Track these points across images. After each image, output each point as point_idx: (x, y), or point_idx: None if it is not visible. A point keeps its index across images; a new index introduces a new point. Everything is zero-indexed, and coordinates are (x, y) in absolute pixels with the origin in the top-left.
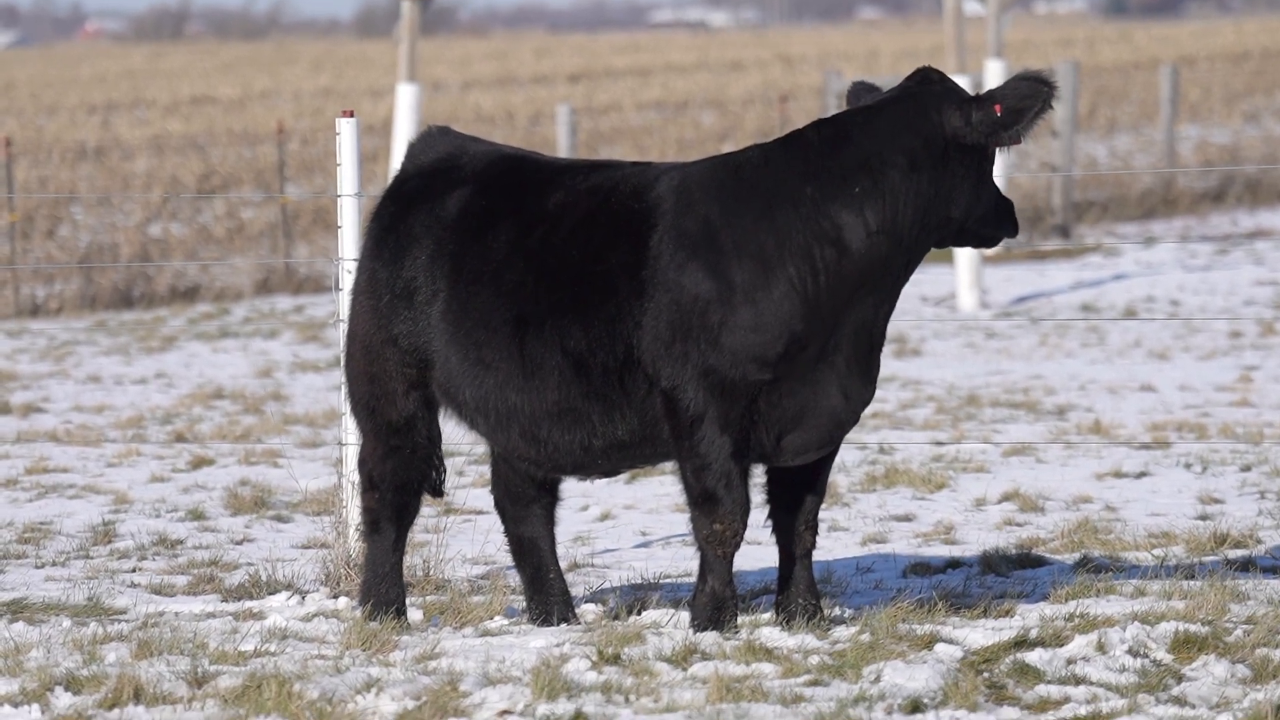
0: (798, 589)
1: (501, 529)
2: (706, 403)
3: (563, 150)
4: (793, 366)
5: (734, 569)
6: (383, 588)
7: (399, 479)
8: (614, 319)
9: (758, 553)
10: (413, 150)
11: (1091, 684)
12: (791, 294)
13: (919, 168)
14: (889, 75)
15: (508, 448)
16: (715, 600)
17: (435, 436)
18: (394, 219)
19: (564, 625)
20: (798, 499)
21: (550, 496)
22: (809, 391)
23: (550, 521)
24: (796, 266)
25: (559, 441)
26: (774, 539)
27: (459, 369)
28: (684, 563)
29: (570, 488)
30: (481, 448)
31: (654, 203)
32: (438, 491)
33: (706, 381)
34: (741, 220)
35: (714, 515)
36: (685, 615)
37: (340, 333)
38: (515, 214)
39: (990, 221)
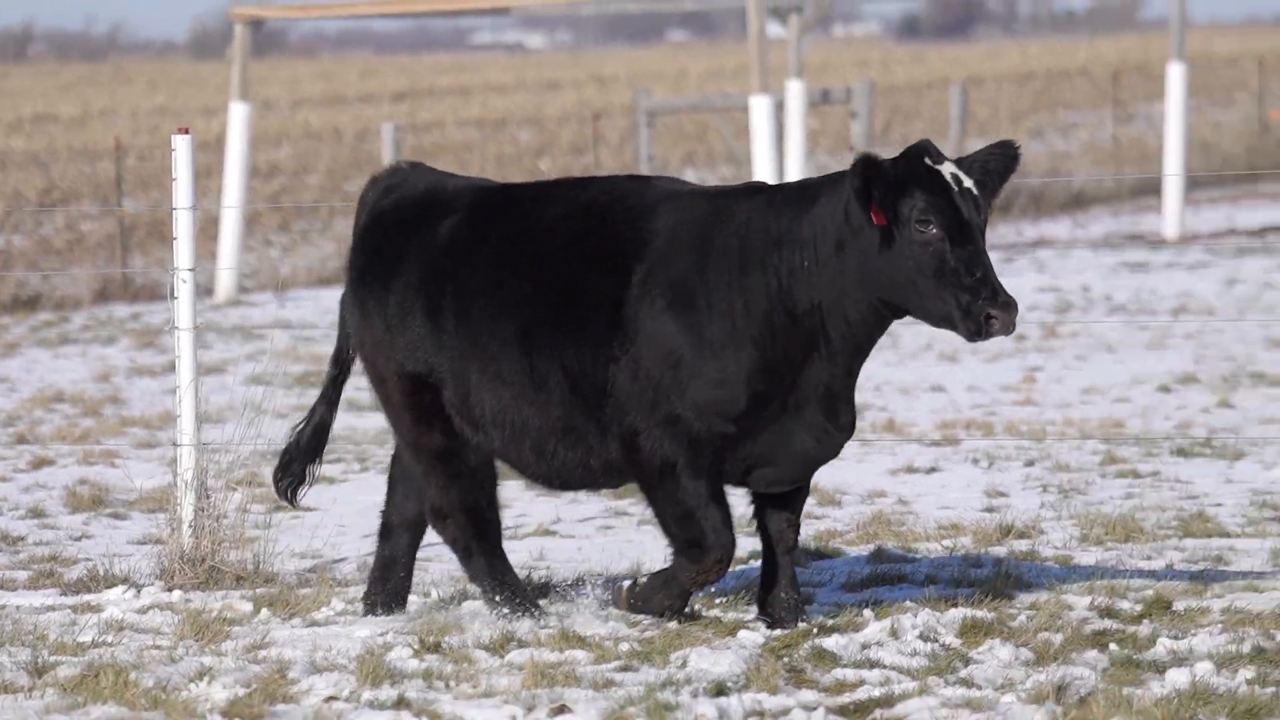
0: (781, 584)
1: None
2: (675, 451)
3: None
4: (755, 421)
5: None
6: (509, 593)
7: (466, 504)
8: (600, 343)
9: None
10: (383, 184)
11: (885, 667)
12: (754, 354)
13: (844, 248)
14: (695, 95)
15: (520, 463)
16: (667, 585)
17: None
18: (378, 251)
19: (388, 616)
20: (782, 497)
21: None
22: (774, 439)
23: (415, 547)
24: (759, 329)
25: (565, 458)
26: (758, 535)
27: (477, 383)
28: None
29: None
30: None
31: (647, 237)
32: (292, 499)
33: (672, 430)
34: (720, 276)
35: (702, 562)
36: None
37: (175, 339)
38: (512, 232)
39: (932, 313)
